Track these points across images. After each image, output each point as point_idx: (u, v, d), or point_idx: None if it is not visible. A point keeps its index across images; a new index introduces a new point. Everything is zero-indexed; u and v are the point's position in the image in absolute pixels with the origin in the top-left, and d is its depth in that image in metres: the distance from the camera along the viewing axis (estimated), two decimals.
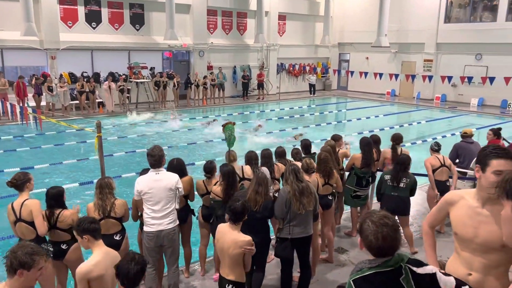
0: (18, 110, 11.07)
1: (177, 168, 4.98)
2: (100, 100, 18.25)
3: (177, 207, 4.62)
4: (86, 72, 18.72)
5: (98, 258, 3.30)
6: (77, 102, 17.60)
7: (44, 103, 16.60)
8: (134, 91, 19.29)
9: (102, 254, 3.33)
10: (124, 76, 18.74)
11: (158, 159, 4.50)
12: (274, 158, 5.97)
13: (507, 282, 2.55)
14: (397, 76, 24.22)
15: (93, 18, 18.95)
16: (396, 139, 6.99)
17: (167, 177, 4.54)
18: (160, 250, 4.65)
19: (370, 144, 6.58)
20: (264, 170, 5.12)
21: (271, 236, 5.00)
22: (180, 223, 4.78)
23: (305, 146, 6.35)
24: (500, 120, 17.58)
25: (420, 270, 2.17)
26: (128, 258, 2.90)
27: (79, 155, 11.09)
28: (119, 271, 2.86)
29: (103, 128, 8.78)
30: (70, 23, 18.39)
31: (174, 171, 4.77)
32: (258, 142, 12.60)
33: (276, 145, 8.30)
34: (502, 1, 20.79)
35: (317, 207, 4.80)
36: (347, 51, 28.04)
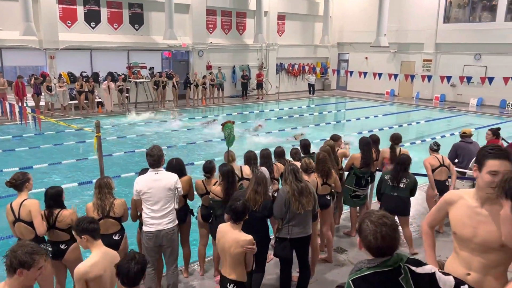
0: (17, 109, 11.06)
1: (176, 168, 4.98)
2: (99, 100, 18.23)
3: (176, 207, 4.62)
4: (85, 72, 18.70)
5: (96, 258, 3.29)
6: (76, 102, 17.59)
7: (43, 103, 16.60)
8: (133, 91, 19.30)
9: (100, 255, 3.33)
10: (123, 76, 18.75)
11: (157, 159, 4.50)
12: (273, 158, 5.97)
13: (505, 282, 2.55)
14: (396, 76, 24.23)
15: (92, 18, 18.94)
16: (395, 139, 7.00)
17: (166, 177, 4.54)
18: (159, 250, 4.65)
19: (369, 144, 6.58)
20: (263, 170, 5.12)
21: (270, 236, 5.00)
22: (179, 223, 4.78)
23: (304, 146, 6.34)
24: (499, 120, 17.60)
25: (419, 270, 2.16)
26: (128, 257, 2.90)
27: (78, 155, 11.08)
28: (120, 270, 2.87)
29: (102, 128, 8.77)
30: (69, 23, 18.38)
31: (173, 171, 4.76)
32: (257, 142, 12.58)
33: (275, 145, 8.29)
34: (501, 1, 20.81)
35: (316, 207, 4.80)
36: (346, 51, 28.05)
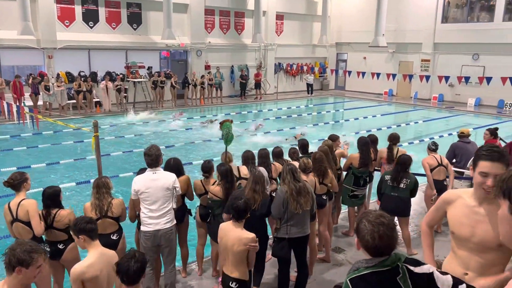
0: (15, 109, 11.04)
1: (174, 167, 4.97)
2: (97, 99, 18.21)
3: (174, 206, 4.61)
4: (83, 72, 18.67)
5: (92, 259, 3.29)
6: (74, 101, 17.54)
7: (41, 103, 16.57)
8: (132, 90, 19.28)
9: (97, 255, 3.33)
10: (121, 76, 18.71)
11: (155, 158, 4.49)
12: (271, 158, 5.97)
13: (503, 282, 2.55)
14: (394, 76, 24.26)
15: (90, 18, 18.91)
16: (393, 139, 7.01)
17: (164, 176, 4.54)
18: (157, 249, 4.65)
19: (367, 144, 6.59)
20: (261, 169, 5.12)
21: (269, 235, 5.01)
22: (177, 223, 4.78)
23: (302, 146, 6.34)
24: (497, 120, 17.64)
25: (417, 270, 2.16)
26: (128, 255, 2.92)
27: (76, 155, 11.05)
28: (119, 268, 2.88)
29: (100, 127, 8.76)
30: (67, 22, 18.35)
31: (171, 171, 4.76)
32: (256, 141, 12.57)
33: (274, 144, 8.30)
34: (499, 1, 20.85)
35: (314, 207, 4.81)
36: (345, 51, 28.07)
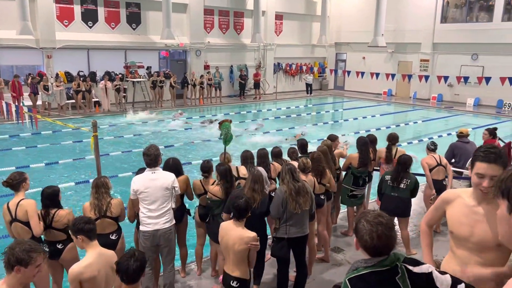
0: (13, 109, 11.02)
1: (172, 167, 4.98)
2: (97, 99, 18.19)
3: (173, 206, 4.61)
4: (83, 71, 18.65)
5: (90, 260, 3.29)
6: (73, 101, 17.52)
7: (40, 102, 16.55)
8: (131, 90, 19.26)
9: (95, 255, 3.33)
10: (120, 76, 18.69)
11: (154, 158, 4.48)
12: (270, 158, 5.97)
13: (501, 281, 2.56)
14: (393, 76, 24.26)
15: (89, 17, 18.89)
16: (392, 139, 7.02)
17: (163, 176, 4.53)
18: (156, 249, 4.65)
19: (367, 143, 6.59)
20: (260, 169, 5.12)
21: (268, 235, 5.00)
22: (176, 222, 4.77)
23: (301, 146, 6.34)
24: (496, 120, 17.66)
25: (416, 269, 2.16)
26: (128, 254, 2.94)
27: (75, 155, 11.04)
28: (119, 267, 2.90)
29: (99, 127, 8.76)
30: (66, 22, 18.33)
31: (170, 171, 4.76)
32: (255, 141, 12.57)
33: (273, 144, 8.31)
34: (498, 1, 20.87)
35: (313, 207, 4.81)
36: (344, 51, 28.08)
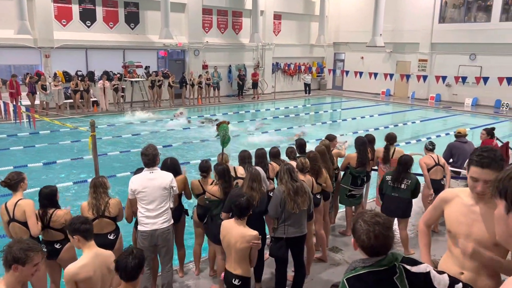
0: (11, 108, 10.99)
1: (170, 167, 4.97)
2: (95, 99, 18.17)
3: (171, 206, 4.61)
4: (81, 71, 18.62)
5: (85, 260, 3.29)
6: (71, 101, 17.51)
7: (38, 102, 16.51)
8: (129, 90, 19.23)
9: (91, 256, 3.32)
10: (118, 75, 18.67)
11: (152, 158, 4.48)
12: (268, 158, 5.96)
13: (499, 281, 2.56)
14: (392, 76, 24.30)
15: (87, 17, 18.86)
16: (390, 139, 7.02)
17: (161, 176, 4.53)
18: (154, 249, 4.64)
19: (365, 143, 6.60)
20: (258, 169, 5.12)
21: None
22: (173, 222, 4.77)
23: (300, 145, 6.33)
24: (493, 120, 17.69)
25: (414, 269, 2.16)
26: (126, 252, 2.97)
27: (73, 154, 11.02)
28: (118, 265, 2.92)
29: (97, 127, 8.74)
30: (64, 22, 18.29)
31: (167, 171, 4.75)
32: (253, 141, 12.57)
33: (272, 144, 8.31)
34: (496, 1, 20.90)
35: (311, 207, 4.81)
36: (342, 51, 28.08)
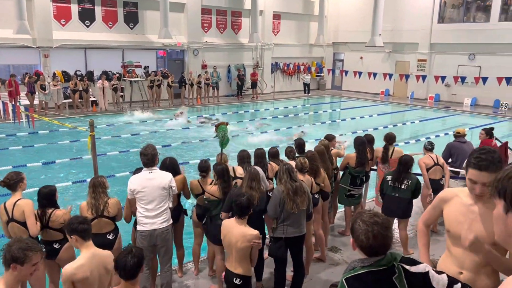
0: (10, 108, 10.98)
1: (169, 167, 4.97)
2: (94, 98, 18.15)
3: (171, 206, 4.60)
4: (80, 71, 18.60)
5: (82, 260, 3.29)
6: (70, 100, 17.49)
7: (37, 102, 16.49)
8: (128, 90, 19.21)
9: (88, 256, 3.32)
10: (118, 75, 18.66)
11: (151, 158, 4.48)
12: (268, 158, 5.96)
13: (497, 281, 2.57)
14: (391, 75, 24.30)
15: (86, 16, 18.84)
16: (389, 139, 7.02)
17: (160, 176, 4.53)
18: (154, 249, 4.64)
19: (364, 143, 6.60)
20: (257, 169, 5.11)
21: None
22: (172, 222, 4.76)
23: (299, 145, 6.34)
24: (492, 120, 17.71)
25: (413, 269, 2.16)
26: (125, 251, 2.97)
27: (72, 154, 11.01)
28: (117, 263, 2.93)
29: (97, 127, 8.72)
30: (63, 21, 18.27)
31: (166, 170, 4.75)
32: (253, 141, 12.56)
33: (271, 144, 8.31)
34: (495, 1, 20.92)
35: (310, 207, 4.81)
36: (342, 51, 28.09)
